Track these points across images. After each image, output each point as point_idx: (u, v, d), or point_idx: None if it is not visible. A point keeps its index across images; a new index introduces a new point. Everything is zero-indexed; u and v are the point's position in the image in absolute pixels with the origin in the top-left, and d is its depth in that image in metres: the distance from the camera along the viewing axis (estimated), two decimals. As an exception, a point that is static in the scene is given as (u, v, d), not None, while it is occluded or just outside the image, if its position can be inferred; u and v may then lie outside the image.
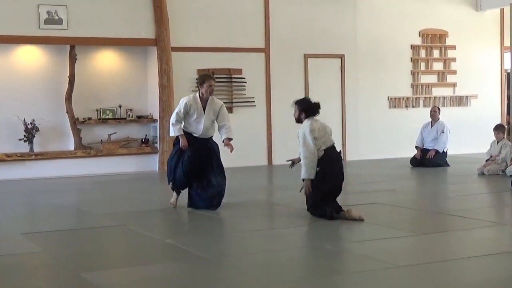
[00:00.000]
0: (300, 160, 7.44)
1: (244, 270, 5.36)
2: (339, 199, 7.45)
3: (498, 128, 11.81)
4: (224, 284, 4.98)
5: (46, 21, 12.16)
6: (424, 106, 15.24)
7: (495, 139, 11.73)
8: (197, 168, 8.02)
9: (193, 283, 5.00)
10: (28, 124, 12.22)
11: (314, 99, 7.60)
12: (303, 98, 7.77)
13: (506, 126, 12.76)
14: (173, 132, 8.10)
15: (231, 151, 8.13)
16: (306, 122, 7.36)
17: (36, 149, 12.36)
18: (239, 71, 13.60)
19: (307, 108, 7.44)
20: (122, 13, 12.70)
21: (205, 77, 8.22)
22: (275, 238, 6.67)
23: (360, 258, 5.56)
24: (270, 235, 6.77)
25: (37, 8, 12.11)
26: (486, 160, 11.60)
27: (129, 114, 13.10)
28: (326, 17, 14.40)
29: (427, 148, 13.01)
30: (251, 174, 12.25)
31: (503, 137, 11.70)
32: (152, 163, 13.07)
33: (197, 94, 8.18)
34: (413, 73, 15.38)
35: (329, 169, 7.25)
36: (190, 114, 8.03)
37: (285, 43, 14.01)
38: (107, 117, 12.97)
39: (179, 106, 8.05)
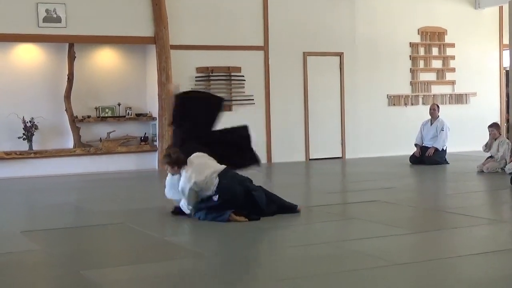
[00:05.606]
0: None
1: (242, 267, 5.36)
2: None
3: (493, 126, 11.81)
4: (223, 281, 4.98)
5: (45, 19, 12.15)
6: (423, 104, 15.25)
7: (491, 137, 11.67)
8: None
9: (192, 281, 5.00)
10: (27, 122, 12.21)
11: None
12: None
13: (505, 124, 12.75)
14: None
15: None
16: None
17: (35, 147, 12.35)
18: (238, 69, 13.61)
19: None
20: (121, 11, 12.69)
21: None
22: (273, 237, 6.67)
23: (358, 255, 5.56)
24: (266, 233, 6.76)
25: (35, 6, 12.10)
26: (487, 158, 11.59)
27: (128, 112, 13.10)
28: (324, 15, 14.40)
29: (427, 146, 13.02)
30: (250, 172, 12.22)
31: (499, 135, 11.69)
32: (151, 161, 13.07)
33: None
34: (412, 71, 15.38)
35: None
36: None
37: (284, 41, 14.01)
38: (106, 115, 12.97)
39: None
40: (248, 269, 5.31)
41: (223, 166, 7.33)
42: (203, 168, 7.19)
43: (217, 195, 7.14)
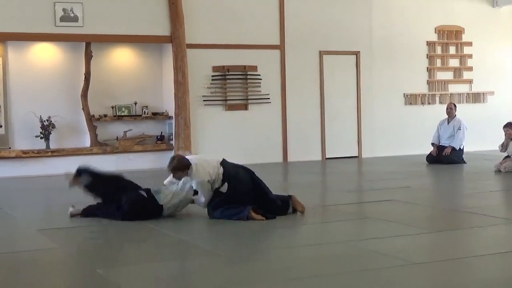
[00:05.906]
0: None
1: (257, 266, 5.36)
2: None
3: (508, 126, 11.73)
4: (238, 281, 4.98)
5: (62, 19, 12.20)
6: (440, 103, 15.17)
7: (506, 137, 11.58)
8: None
9: (207, 280, 5.01)
10: (45, 121, 12.28)
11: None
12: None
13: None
14: None
15: None
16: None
17: (53, 146, 12.42)
18: (254, 68, 13.60)
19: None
20: (137, 10, 12.73)
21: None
22: (288, 235, 6.67)
23: (374, 255, 5.55)
24: (281, 232, 6.76)
25: (53, 6, 12.16)
26: (504, 158, 11.50)
27: (144, 111, 13.14)
28: (341, 13, 14.36)
29: (444, 145, 12.96)
30: (266, 171, 12.23)
31: None
32: (168, 160, 13.05)
33: None
34: (429, 70, 15.32)
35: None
36: None
37: (300, 40, 13.98)
38: (122, 114, 13.02)
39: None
40: (263, 268, 5.31)
41: (221, 157, 7.49)
42: (208, 161, 7.36)
43: (225, 184, 7.25)
